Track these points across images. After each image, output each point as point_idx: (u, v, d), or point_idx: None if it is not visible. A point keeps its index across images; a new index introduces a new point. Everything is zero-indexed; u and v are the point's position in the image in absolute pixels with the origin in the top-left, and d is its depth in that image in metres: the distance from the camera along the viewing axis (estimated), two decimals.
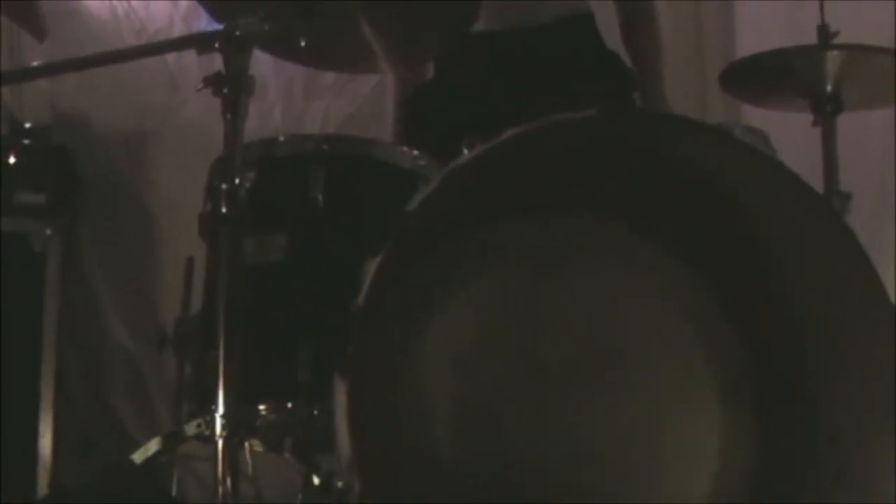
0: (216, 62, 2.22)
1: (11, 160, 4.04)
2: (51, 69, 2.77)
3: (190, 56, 4.13)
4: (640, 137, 1.87)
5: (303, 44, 2.21)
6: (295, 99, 4.27)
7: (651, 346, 2.18)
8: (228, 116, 2.14)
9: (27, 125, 4.20)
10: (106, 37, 4.43)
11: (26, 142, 4.14)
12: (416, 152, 2.51)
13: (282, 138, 2.53)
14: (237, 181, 2.12)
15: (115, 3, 4.47)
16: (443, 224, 1.83)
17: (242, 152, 2.19)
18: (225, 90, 2.13)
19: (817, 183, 2.89)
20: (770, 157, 2.02)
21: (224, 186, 2.12)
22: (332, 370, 1.83)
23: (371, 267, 1.73)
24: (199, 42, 2.17)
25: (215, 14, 2.39)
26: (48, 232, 4.06)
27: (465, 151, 1.84)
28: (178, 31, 4.32)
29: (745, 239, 2.07)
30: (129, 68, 4.22)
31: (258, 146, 2.44)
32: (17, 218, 4.02)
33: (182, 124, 4.25)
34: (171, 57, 4.23)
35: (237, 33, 2.11)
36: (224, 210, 2.13)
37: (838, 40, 2.91)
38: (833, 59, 2.86)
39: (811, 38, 2.94)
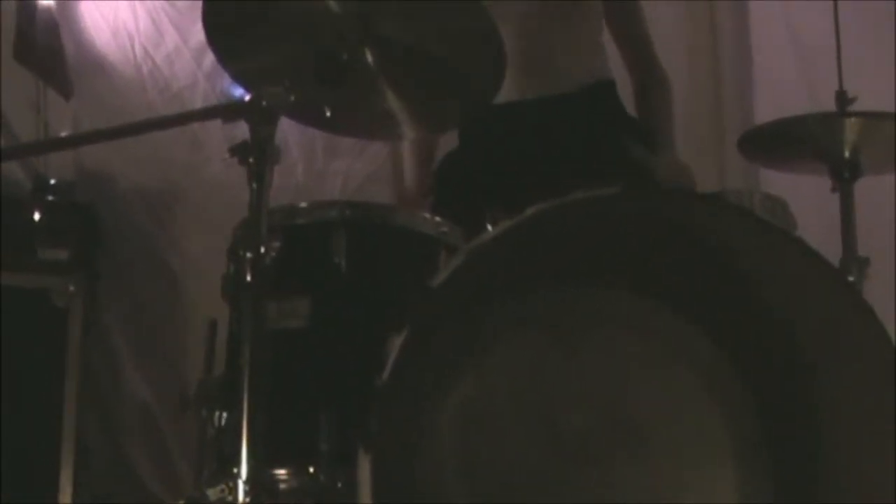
0: (239, 123, 2.27)
1: (36, 216, 4.08)
2: (76, 140, 2.76)
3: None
4: (659, 214, 1.89)
5: (328, 114, 2.23)
6: (316, 157, 4.30)
7: (667, 413, 2.21)
8: (254, 185, 2.15)
9: (52, 182, 4.24)
10: (131, 95, 4.48)
11: (51, 198, 4.18)
12: (438, 219, 2.53)
13: (304, 205, 2.54)
14: (262, 250, 2.13)
15: (139, 61, 4.52)
16: (465, 298, 1.85)
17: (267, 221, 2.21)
18: (250, 159, 2.14)
19: (836, 248, 2.91)
20: (787, 233, 2.04)
21: (249, 255, 2.14)
22: (355, 441, 1.84)
23: (394, 343, 1.75)
24: (225, 112, 2.20)
25: (239, 80, 2.43)
26: (71, 288, 4.08)
27: (489, 227, 1.86)
28: (203, 89, 4.38)
29: (761, 309, 2.09)
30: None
31: (281, 212, 2.46)
32: (40, 274, 4.05)
33: (205, 182, 4.28)
34: None
35: (263, 104, 2.13)
36: (248, 278, 2.15)
37: (856, 105, 2.93)
38: (851, 126, 2.87)
39: (829, 102, 2.97)
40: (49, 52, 4.43)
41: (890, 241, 3.61)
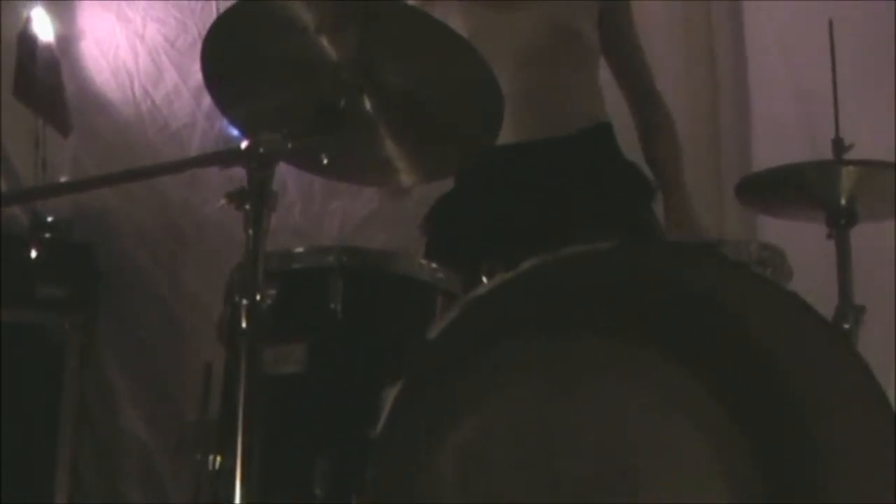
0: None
1: (33, 254, 4.09)
2: (73, 187, 2.75)
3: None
4: (655, 268, 1.90)
5: (325, 161, 2.23)
6: (314, 198, 4.31)
7: (663, 459, 2.21)
8: (250, 232, 2.15)
9: (49, 219, 4.25)
10: (130, 133, 4.50)
11: (48, 236, 4.19)
12: (434, 265, 2.53)
13: (301, 249, 2.55)
14: (258, 297, 2.12)
15: (139, 100, 4.55)
16: (461, 348, 1.85)
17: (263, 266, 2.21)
18: (247, 205, 2.14)
19: (832, 295, 2.91)
20: (782, 288, 2.04)
21: (244, 301, 2.13)
22: (351, 488, 1.84)
23: (389, 395, 1.75)
24: (223, 158, 2.20)
25: (237, 125, 2.44)
26: (68, 325, 4.10)
27: (484, 279, 1.87)
28: (201, 129, 4.40)
29: (757, 361, 2.09)
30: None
31: (278, 257, 2.46)
32: (37, 311, 4.06)
33: (203, 221, 4.29)
34: (192, 153, 4.30)
35: (260, 150, 2.13)
36: (244, 325, 2.15)
37: (853, 153, 2.94)
38: (848, 174, 2.88)
39: (828, 148, 2.97)
40: (49, 90, 4.45)
41: (886, 288, 3.61)
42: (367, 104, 2.32)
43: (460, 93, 2.29)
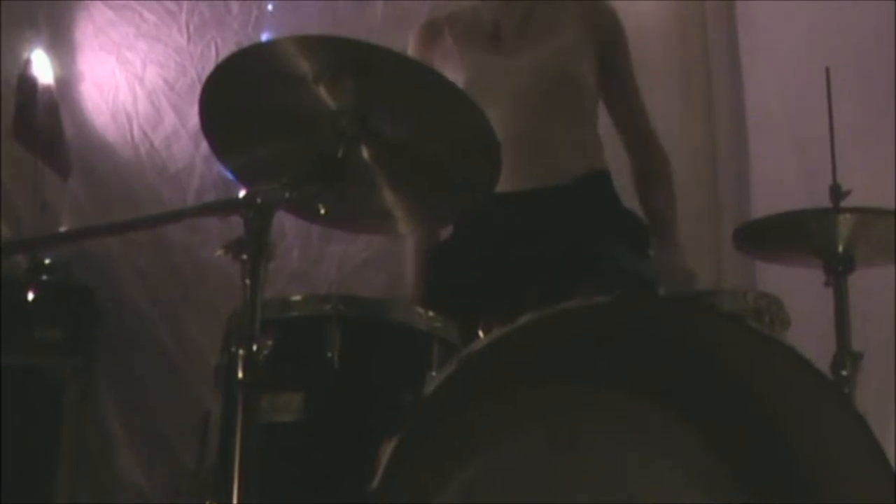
0: None
1: (30, 296, 4.09)
2: (71, 237, 2.74)
3: (210, 198, 4.23)
4: (651, 321, 1.90)
5: (322, 211, 2.23)
6: (312, 242, 4.32)
7: None
8: (247, 282, 2.15)
9: (47, 261, 4.26)
10: (129, 176, 4.52)
11: (46, 278, 4.19)
12: (431, 313, 2.53)
13: (298, 298, 2.54)
14: (255, 347, 2.12)
15: (138, 142, 4.57)
16: (457, 402, 1.85)
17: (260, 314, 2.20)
18: (244, 256, 2.14)
19: (830, 341, 2.91)
20: (778, 341, 2.04)
21: (241, 352, 2.13)
22: None
23: (385, 449, 1.75)
24: (221, 208, 2.20)
25: (235, 174, 2.44)
26: (66, 368, 4.10)
27: (481, 333, 1.87)
28: (199, 172, 4.42)
29: (754, 412, 2.08)
30: (150, 207, 4.31)
31: (275, 305, 2.45)
32: (35, 353, 4.06)
33: (202, 265, 4.30)
34: (191, 198, 4.31)
35: (258, 200, 2.13)
36: (240, 375, 2.14)
37: (851, 198, 2.94)
38: (845, 222, 2.88)
39: (826, 195, 2.97)
40: (48, 132, 4.46)
41: (885, 334, 3.61)
42: (365, 153, 2.32)
43: (458, 142, 2.30)
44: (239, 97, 2.30)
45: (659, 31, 4.60)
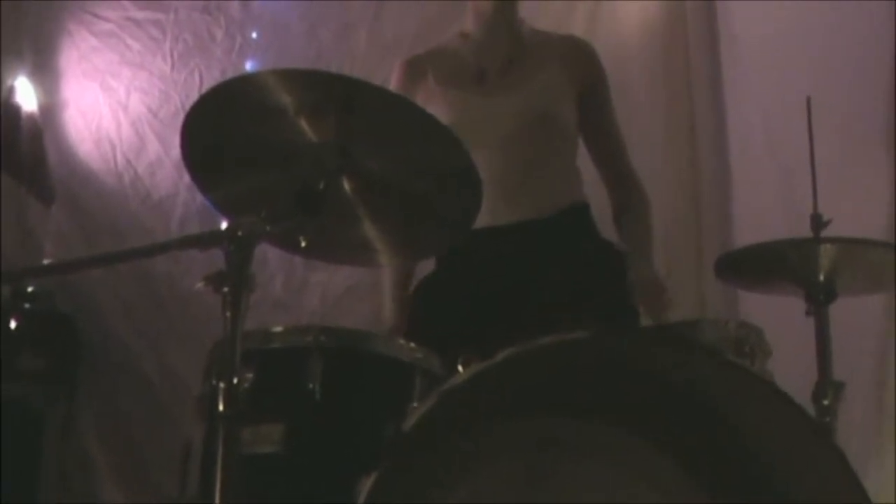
0: None
1: (13, 324, 4.08)
2: (56, 269, 2.75)
3: (193, 226, 4.23)
4: (628, 355, 1.91)
5: (303, 244, 2.23)
6: (295, 270, 4.33)
7: None
8: (228, 314, 2.15)
9: (30, 289, 4.25)
10: (112, 203, 4.52)
11: (28, 306, 4.18)
12: (413, 345, 2.53)
13: (279, 329, 2.54)
14: (235, 380, 2.12)
15: (121, 170, 4.57)
16: (436, 437, 1.85)
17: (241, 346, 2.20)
18: (225, 288, 2.14)
19: (813, 370, 2.91)
20: (755, 374, 2.05)
21: (222, 385, 2.13)
22: None
23: (366, 483, 1.75)
24: (202, 241, 2.20)
25: (217, 206, 2.44)
26: (47, 397, 4.08)
27: (460, 368, 1.87)
28: (183, 199, 4.42)
29: (733, 445, 2.09)
30: (134, 237, 4.31)
31: (256, 337, 2.45)
32: (17, 382, 4.04)
33: (185, 294, 4.29)
34: (174, 226, 4.31)
35: (239, 233, 2.13)
36: (221, 408, 2.14)
37: (833, 227, 2.95)
38: (826, 252, 2.89)
39: (808, 224, 2.99)
40: (32, 160, 4.46)
41: (866, 364, 3.62)
42: (347, 186, 2.32)
43: (439, 177, 2.30)
44: (221, 129, 2.31)
45: (642, 60, 4.63)
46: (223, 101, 2.29)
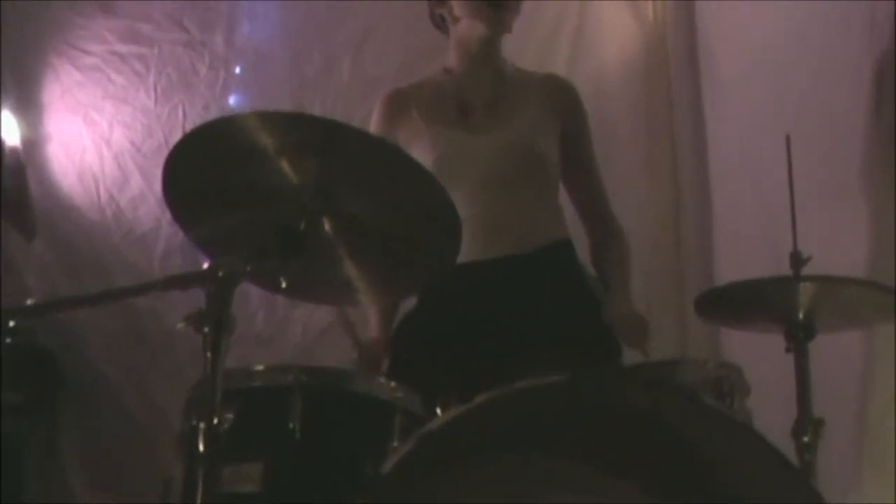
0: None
1: None
2: (38, 310, 2.75)
3: (176, 260, 4.24)
4: (605, 396, 1.92)
5: (284, 285, 2.24)
6: (277, 306, 4.33)
7: None
8: (208, 354, 2.15)
9: (11, 323, 4.23)
10: (95, 237, 4.53)
11: (10, 340, 4.17)
12: (393, 384, 2.54)
13: (260, 368, 2.54)
14: (216, 420, 2.12)
15: (104, 204, 4.58)
16: (414, 479, 1.86)
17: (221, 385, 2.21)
18: (205, 328, 2.15)
19: (792, 407, 2.92)
20: (732, 418, 2.06)
21: (202, 425, 2.13)
22: None
23: None
24: (182, 282, 2.21)
25: (199, 245, 2.45)
26: (28, 431, 4.07)
27: (438, 412, 1.88)
28: (165, 234, 4.42)
29: (709, 483, 2.09)
30: (116, 271, 4.31)
31: (237, 376, 2.46)
32: None
33: (168, 329, 4.29)
34: (157, 261, 4.32)
35: (220, 274, 2.14)
36: (201, 448, 2.14)
37: (813, 264, 2.96)
38: (806, 290, 2.90)
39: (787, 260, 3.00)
40: (15, 194, 4.46)
41: (847, 400, 3.63)
42: (327, 226, 2.33)
43: (418, 217, 2.32)
44: (203, 169, 2.32)
45: (624, 96, 4.66)
46: (206, 141, 2.30)
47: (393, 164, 2.30)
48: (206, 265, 2.20)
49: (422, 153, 3.24)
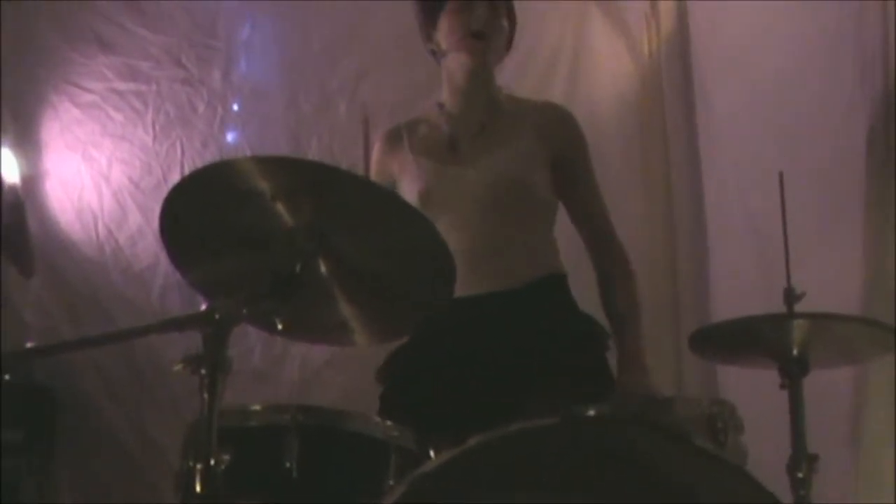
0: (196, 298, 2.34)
1: None
2: (38, 353, 2.77)
3: (174, 297, 4.26)
4: (596, 438, 1.94)
5: (280, 327, 2.26)
6: (274, 342, 4.35)
7: None
8: (205, 396, 2.17)
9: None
10: (93, 274, 4.55)
11: (7, 377, 4.18)
12: (388, 422, 2.56)
13: (257, 407, 2.56)
14: (212, 462, 2.14)
15: (102, 241, 4.60)
16: None
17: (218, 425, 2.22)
18: (202, 370, 2.17)
19: (786, 444, 2.93)
20: (726, 461, 2.08)
21: (199, 466, 2.15)
22: None
23: None
24: (180, 325, 2.23)
25: (196, 287, 2.47)
26: (24, 467, 4.07)
27: (431, 454, 1.90)
28: (164, 270, 4.44)
29: None
30: (114, 307, 4.33)
31: (233, 415, 2.48)
32: None
33: (165, 365, 4.27)
34: (155, 297, 4.34)
35: (216, 316, 2.16)
36: (198, 489, 2.16)
37: (806, 301, 2.98)
38: (799, 326, 2.91)
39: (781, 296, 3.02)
40: (13, 232, 4.47)
41: (841, 436, 3.65)
42: (323, 268, 2.35)
43: (411, 257, 2.34)
44: (199, 213, 2.34)
45: (619, 132, 4.69)
46: (203, 185, 2.32)
47: (386, 206, 2.32)
48: (203, 307, 2.22)
49: (409, 186, 3.26)
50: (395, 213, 2.31)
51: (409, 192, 3.25)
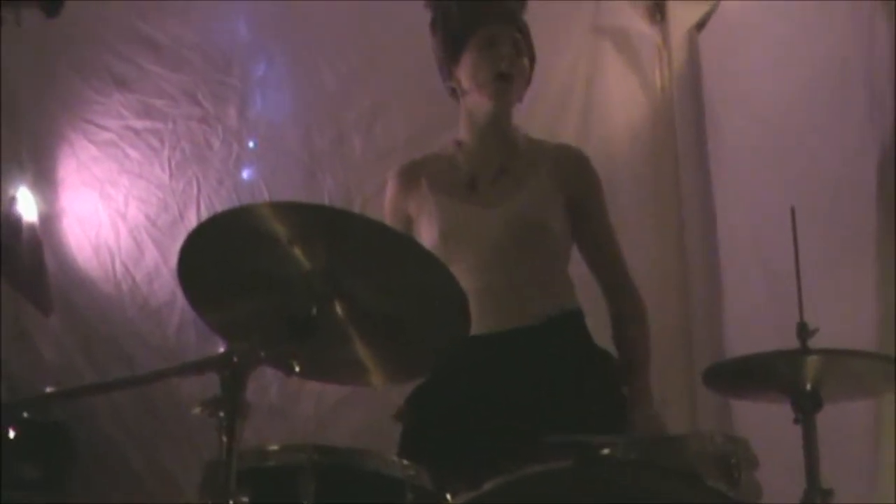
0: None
1: (11, 434, 4.10)
2: (58, 396, 2.80)
3: (190, 334, 4.28)
4: (609, 481, 1.96)
5: (297, 369, 2.29)
6: (290, 378, 4.34)
7: None
8: (224, 439, 2.19)
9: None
10: (110, 311, 4.57)
11: (25, 415, 4.21)
12: (405, 462, 2.57)
13: (274, 447, 2.58)
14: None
15: (119, 278, 4.63)
16: None
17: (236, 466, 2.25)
18: (221, 413, 2.19)
19: (800, 479, 2.94)
20: (737, 502, 2.09)
21: None
22: None
23: None
24: (198, 368, 2.26)
25: (213, 329, 2.50)
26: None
27: (449, 498, 1.92)
28: (180, 307, 4.47)
29: None
30: (131, 344, 4.36)
31: (251, 455, 2.49)
32: (10, 491, 4.06)
33: (180, 400, 4.32)
34: (172, 334, 4.36)
35: (234, 360, 2.19)
36: None
37: (819, 336, 2.99)
38: (812, 362, 2.92)
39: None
40: (32, 271, 4.51)
41: (855, 470, 3.64)
42: (339, 310, 2.38)
43: (426, 300, 2.36)
44: (217, 256, 2.37)
45: (632, 166, 4.71)
46: (220, 229, 2.36)
47: (400, 249, 2.35)
48: (220, 348, 2.25)
49: (428, 226, 3.28)
50: (410, 257, 2.34)
51: (428, 230, 3.28)
